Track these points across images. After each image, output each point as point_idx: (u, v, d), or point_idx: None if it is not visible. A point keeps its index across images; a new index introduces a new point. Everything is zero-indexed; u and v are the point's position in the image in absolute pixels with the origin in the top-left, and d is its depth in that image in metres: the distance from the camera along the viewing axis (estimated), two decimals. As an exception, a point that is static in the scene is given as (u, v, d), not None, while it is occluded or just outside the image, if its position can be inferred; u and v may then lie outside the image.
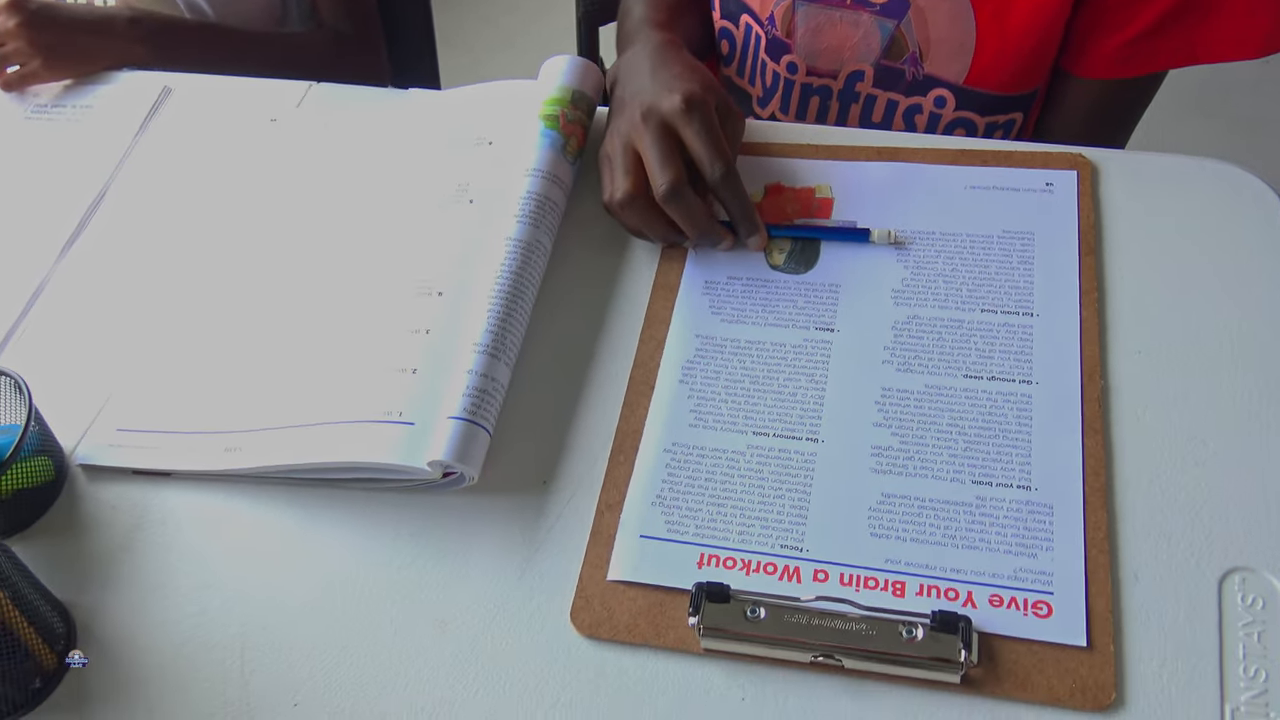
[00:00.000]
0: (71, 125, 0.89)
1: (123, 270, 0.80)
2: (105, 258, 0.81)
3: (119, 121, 0.89)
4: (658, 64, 0.75)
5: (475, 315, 0.67)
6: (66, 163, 0.87)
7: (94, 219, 0.84)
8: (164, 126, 0.88)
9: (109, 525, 0.66)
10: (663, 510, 0.61)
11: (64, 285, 0.80)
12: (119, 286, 0.79)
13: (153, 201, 0.84)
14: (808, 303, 0.69)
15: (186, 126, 0.89)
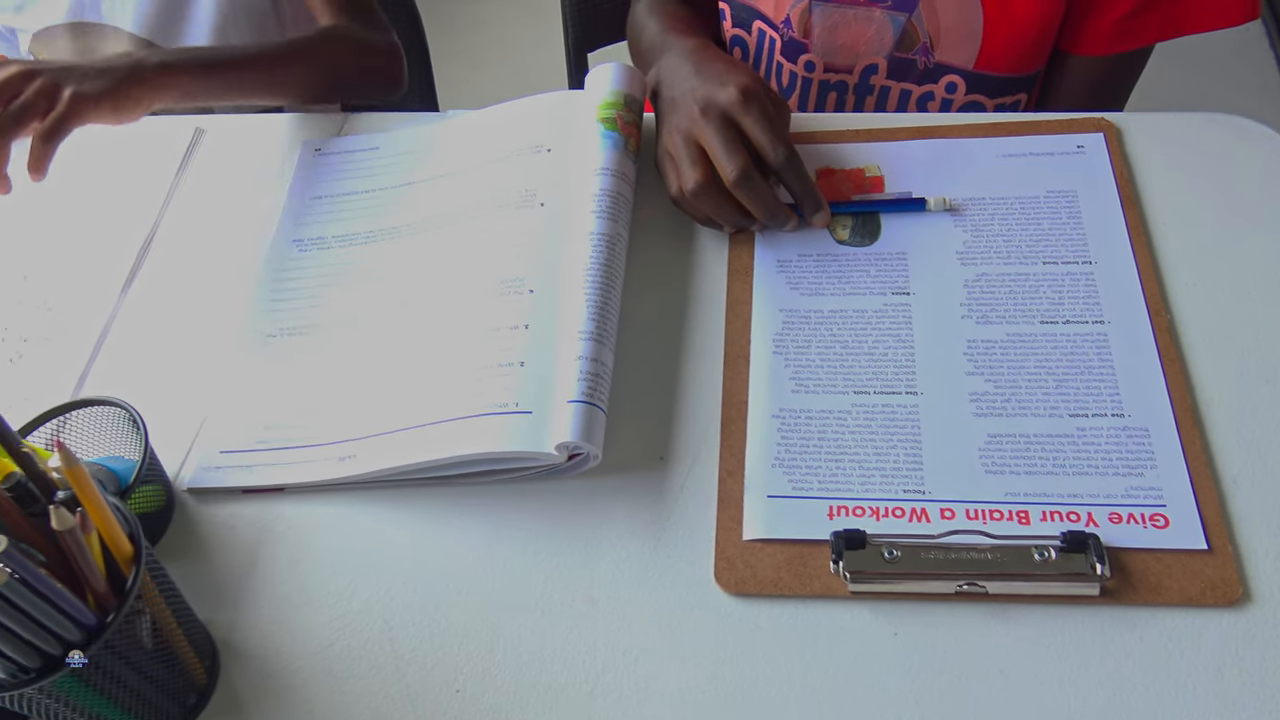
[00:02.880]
0: (111, 170, 0.89)
1: (194, 296, 0.80)
2: (170, 287, 0.82)
3: (157, 163, 0.89)
4: (700, 63, 0.79)
5: (573, 306, 0.69)
6: (113, 203, 0.87)
7: (150, 253, 0.84)
8: (203, 164, 0.89)
9: (230, 544, 0.66)
10: (783, 470, 0.64)
11: (132, 317, 0.80)
12: (194, 312, 0.79)
13: (209, 232, 0.85)
14: (879, 271, 0.73)
15: (227, 162, 0.90)
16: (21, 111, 0.70)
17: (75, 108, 0.72)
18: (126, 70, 0.76)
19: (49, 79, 0.72)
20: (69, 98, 0.72)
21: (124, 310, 0.80)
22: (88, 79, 0.74)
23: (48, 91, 0.71)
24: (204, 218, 0.87)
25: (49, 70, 0.73)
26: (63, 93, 0.72)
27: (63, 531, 0.45)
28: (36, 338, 0.79)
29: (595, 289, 0.70)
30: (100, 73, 0.75)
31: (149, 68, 0.78)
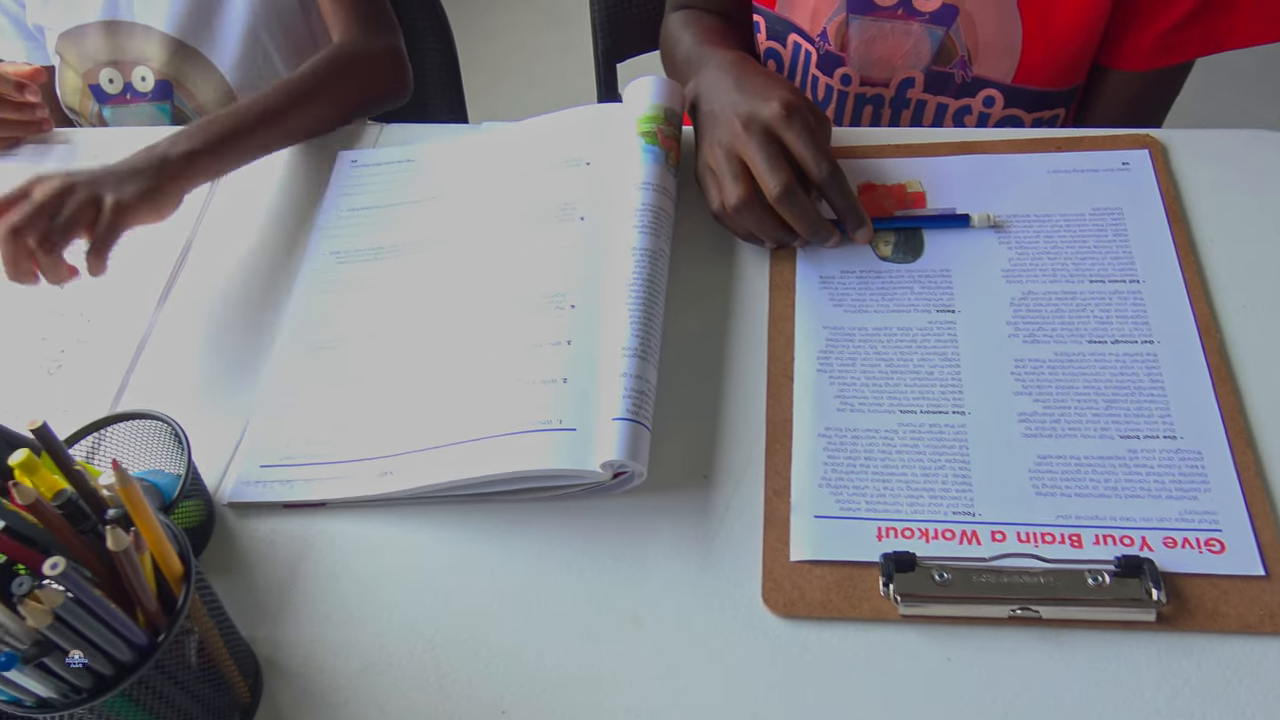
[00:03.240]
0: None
1: (231, 308, 0.80)
2: (207, 298, 0.81)
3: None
4: (740, 77, 0.79)
5: (616, 322, 0.69)
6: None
7: (186, 264, 0.84)
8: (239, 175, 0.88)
9: (271, 560, 0.66)
10: (830, 490, 0.64)
11: (169, 329, 0.80)
12: (231, 323, 0.79)
13: (245, 243, 0.85)
14: (923, 288, 0.73)
15: (263, 173, 0.89)
16: (68, 225, 0.72)
17: (119, 217, 0.74)
18: (156, 167, 0.77)
19: (88, 190, 0.73)
20: (111, 207, 0.73)
21: (161, 322, 0.80)
22: (124, 184, 0.75)
23: (89, 203, 0.73)
24: (240, 229, 0.87)
25: (85, 181, 0.74)
26: (104, 203, 0.73)
27: (118, 552, 0.45)
28: (75, 349, 0.78)
29: (639, 305, 0.69)
30: (133, 174, 0.76)
31: (175, 160, 0.78)
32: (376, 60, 0.99)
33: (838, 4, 0.89)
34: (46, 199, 0.71)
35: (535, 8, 2.67)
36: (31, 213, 0.71)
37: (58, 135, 1.00)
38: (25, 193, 0.72)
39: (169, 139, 0.80)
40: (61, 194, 0.72)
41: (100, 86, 1.11)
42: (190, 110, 1.10)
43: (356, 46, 0.98)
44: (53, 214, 0.71)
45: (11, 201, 0.72)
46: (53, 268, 0.72)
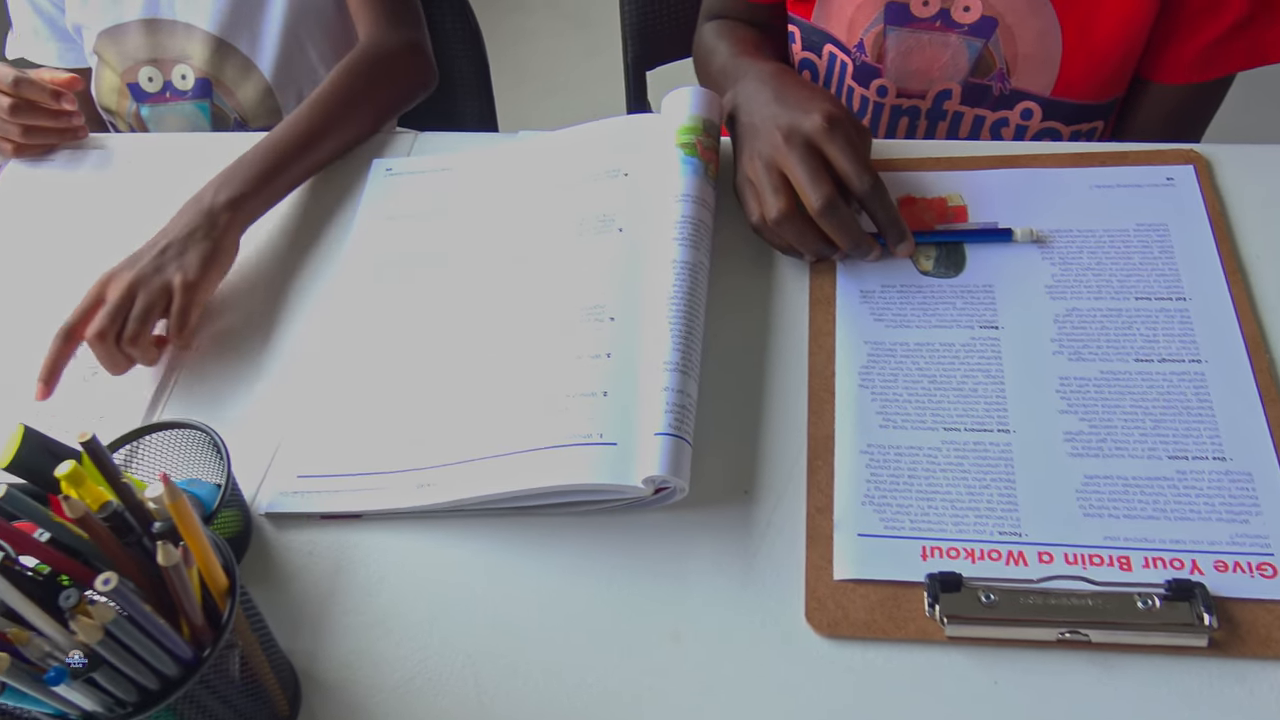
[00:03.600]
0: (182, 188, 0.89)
1: (267, 315, 0.80)
2: (242, 306, 0.81)
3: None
4: (780, 89, 0.78)
5: (656, 335, 0.68)
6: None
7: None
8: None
9: (308, 571, 0.65)
10: (874, 508, 0.63)
11: (205, 336, 0.80)
12: (267, 331, 0.79)
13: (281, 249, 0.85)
14: (965, 304, 0.72)
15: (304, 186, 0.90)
16: (144, 318, 0.75)
17: (190, 295, 0.76)
18: (208, 225, 0.79)
19: (157, 278, 0.76)
20: (180, 289, 0.76)
21: (197, 330, 0.80)
22: (185, 256, 0.77)
23: (160, 291, 0.76)
24: (274, 236, 0.86)
25: (151, 270, 0.76)
26: (174, 285, 0.76)
27: (168, 567, 0.45)
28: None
29: (679, 318, 0.68)
30: (187, 242, 0.78)
31: (220, 210, 0.80)
32: (400, 58, 0.99)
33: (875, 15, 0.88)
34: (120, 300, 0.75)
35: (559, 12, 2.67)
36: (109, 316, 0.74)
37: (93, 141, 1.00)
38: (100, 297, 0.76)
39: (213, 187, 0.81)
40: (132, 289, 0.75)
41: (139, 85, 1.11)
42: (229, 108, 1.11)
43: (379, 47, 0.98)
44: (128, 311, 0.75)
45: (89, 309, 0.75)
46: (142, 355, 0.76)
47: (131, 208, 0.91)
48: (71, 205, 0.94)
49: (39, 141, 0.97)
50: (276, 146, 0.85)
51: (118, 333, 0.75)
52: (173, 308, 0.76)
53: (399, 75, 0.99)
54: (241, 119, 1.12)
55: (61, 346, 0.75)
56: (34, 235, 0.91)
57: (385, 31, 1.00)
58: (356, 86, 0.93)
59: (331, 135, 0.89)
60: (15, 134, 0.95)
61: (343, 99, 0.91)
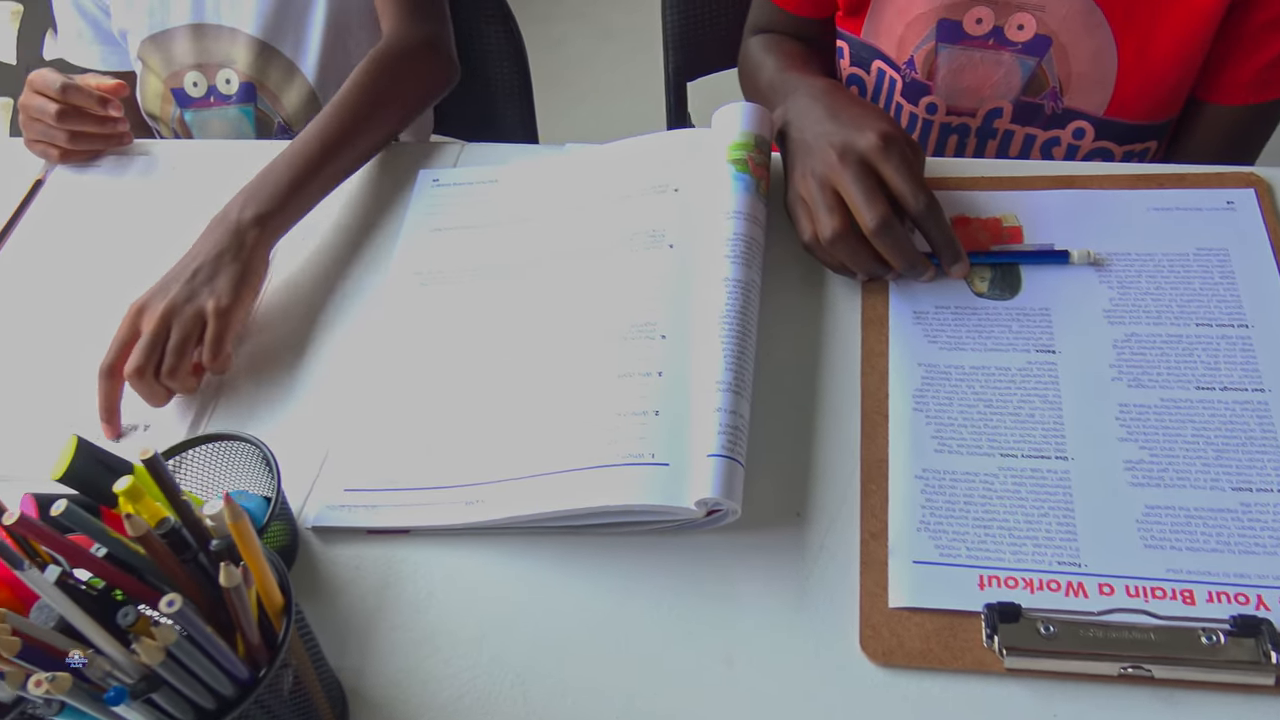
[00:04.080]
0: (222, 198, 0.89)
1: (312, 325, 0.80)
2: (287, 315, 0.81)
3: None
4: (833, 106, 0.78)
5: (708, 354, 0.67)
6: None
7: (268, 281, 0.84)
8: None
9: (356, 586, 0.65)
10: (929, 535, 0.62)
11: (250, 346, 0.80)
12: (312, 342, 0.79)
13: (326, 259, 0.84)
14: (1021, 327, 0.71)
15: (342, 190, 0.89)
16: (181, 349, 0.75)
17: (224, 321, 0.76)
18: (234, 247, 0.78)
19: (190, 307, 0.75)
20: (214, 315, 0.75)
21: (242, 339, 0.80)
22: (216, 280, 0.76)
23: (194, 319, 0.75)
24: (320, 246, 0.86)
25: (183, 298, 0.76)
26: (207, 311, 0.75)
27: (229, 588, 0.44)
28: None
29: (732, 337, 0.68)
30: (217, 264, 0.77)
31: (248, 227, 0.79)
32: (422, 54, 0.97)
33: (927, 32, 0.88)
34: (154, 332, 0.74)
35: (586, 21, 2.67)
36: (146, 350, 0.74)
37: (137, 147, 1.00)
38: (134, 329, 0.75)
39: (238, 203, 0.80)
40: (166, 319, 0.75)
41: (183, 90, 1.12)
42: (273, 112, 1.11)
43: (400, 43, 0.96)
44: (164, 344, 0.74)
45: (126, 344, 0.75)
46: (181, 385, 0.76)
47: (176, 214, 0.91)
48: (116, 211, 0.94)
49: (85, 147, 0.97)
50: (301, 156, 0.84)
51: (156, 366, 0.74)
52: (207, 335, 0.75)
53: (421, 72, 0.97)
54: (285, 123, 1.12)
55: (108, 386, 0.74)
56: (79, 240, 0.92)
57: (407, 27, 0.98)
58: (379, 87, 0.91)
59: (356, 141, 0.88)
60: (62, 139, 0.95)
61: (366, 101, 0.89)
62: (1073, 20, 0.83)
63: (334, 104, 0.89)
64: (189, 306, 0.75)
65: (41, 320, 0.85)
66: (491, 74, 1.24)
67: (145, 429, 0.76)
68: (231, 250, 0.78)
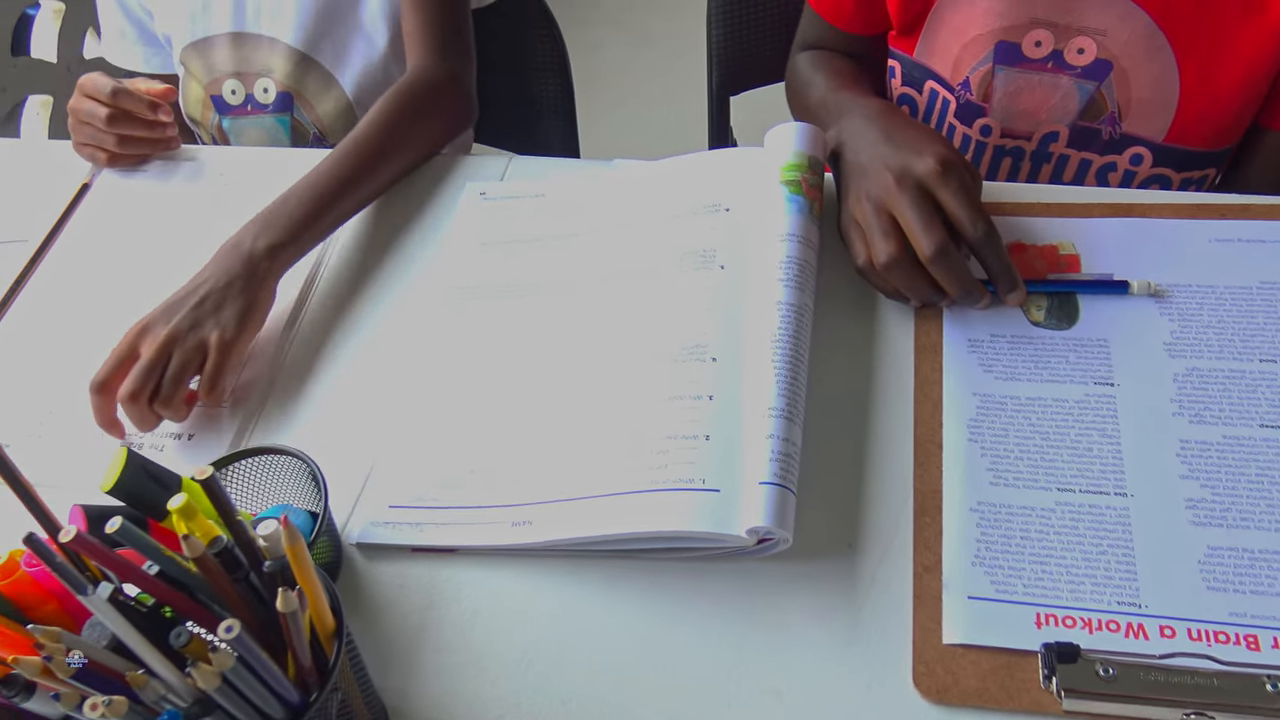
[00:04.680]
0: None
1: (356, 338, 0.80)
2: (331, 328, 0.81)
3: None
4: (889, 128, 0.77)
5: (760, 380, 0.66)
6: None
7: (314, 293, 0.84)
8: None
9: (400, 605, 0.65)
10: (985, 570, 0.61)
11: (295, 358, 0.79)
12: (356, 354, 0.78)
13: (371, 271, 0.84)
14: (1079, 358, 0.70)
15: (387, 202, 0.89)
16: (178, 378, 0.73)
17: (224, 355, 0.74)
18: (244, 276, 0.77)
19: (192, 336, 0.74)
20: (216, 347, 0.74)
21: (286, 349, 0.80)
22: (222, 311, 0.75)
23: (195, 349, 0.74)
24: (364, 258, 0.86)
25: (187, 325, 0.74)
26: (209, 343, 0.74)
27: (286, 613, 0.44)
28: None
29: (785, 363, 0.67)
30: (225, 293, 0.76)
31: (260, 258, 0.78)
32: (443, 91, 0.97)
33: (984, 54, 0.86)
34: (154, 357, 0.73)
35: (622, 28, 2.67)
36: (142, 375, 0.72)
37: (184, 153, 1.00)
38: (133, 351, 0.73)
39: (251, 231, 0.79)
40: (167, 346, 0.73)
41: (222, 97, 1.12)
42: (308, 122, 1.11)
43: (424, 78, 0.96)
44: (162, 370, 0.73)
45: (122, 363, 0.73)
46: (173, 414, 0.74)
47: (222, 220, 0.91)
48: (162, 216, 0.94)
49: (133, 151, 0.97)
50: (317, 189, 0.83)
51: (151, 392, 0.73)
52: (207, 367, 0.74)
53: (443, 110, 0.97)
54: (320, 133, 1.12)
55: (100, 401, 0.73)
56: (125, 245, 0.92)
57: (433, 62, 0.98)
58: (400, 124, 0.91)
59: (373, 176, 0.87)
60: (110, 144, 0.96)
61: (385, 137, 0.89)
62: (1135, 45, 0.81)
63: (354, 138, 0.88)
64: (192, 335, 0.74)
65: (86, 324, 0.85)
66: (535, 83, 1.24)
67: (189, 438, 0.76)
68: (241, 280, 0.77)
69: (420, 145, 0.93)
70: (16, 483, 0.48)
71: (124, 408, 0.73)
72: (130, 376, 0.72)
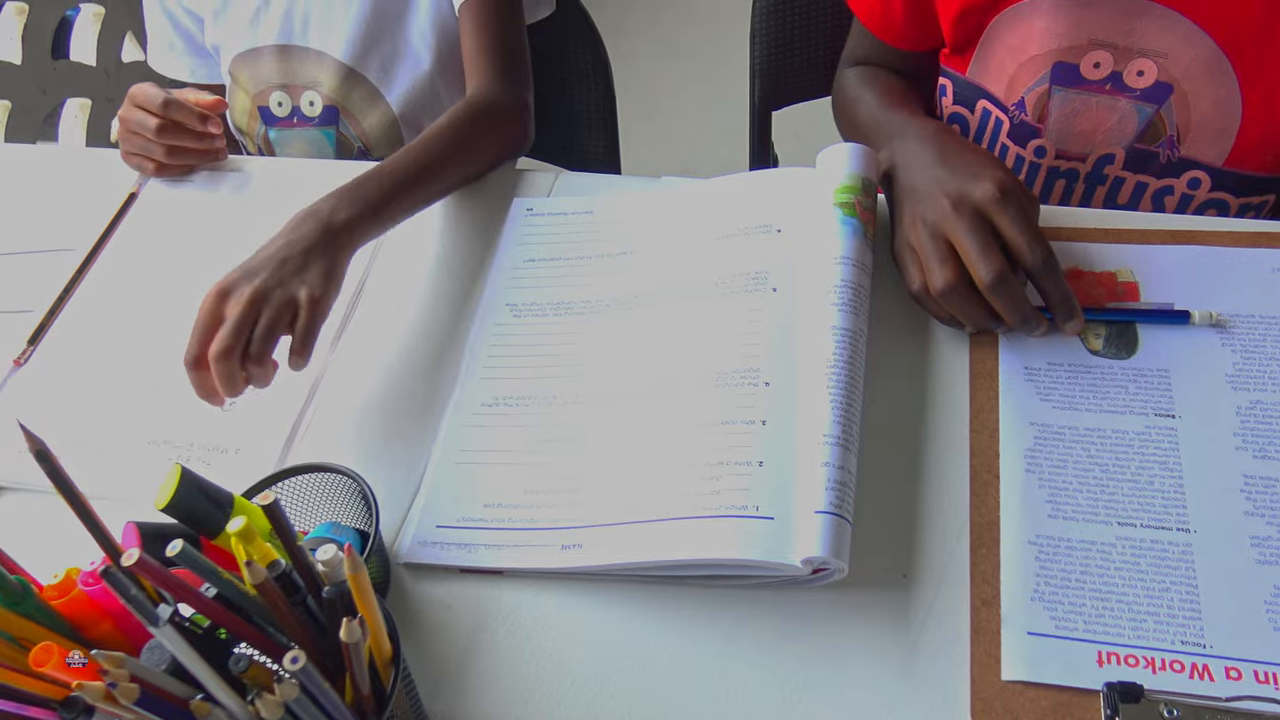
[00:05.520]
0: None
1: (402, 354, 0.79)
2: (378, 343, 0.81)
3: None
4: (944, 151, 0.76)
5: (815, 406, 0.66)
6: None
7: (358, 308, 0.84)
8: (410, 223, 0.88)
9: (448, 626, 0.64)
10: (1044, 606, 0.60)
11: (340, 373, 0.79)
12: (403, 371, 0.78)
13: (417, 286, 0.84)
14: (1139, 389, 0.68)
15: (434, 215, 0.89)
16: (269, 334, 0.71)
17: (315, 312, 0.72)
18: (325, 241, 0.75)
19: (281, 292, 0.72)
20: (307, 303, 0.72)
21: (333, 367, 0.80)
22: (307, 270, 0.73)
23: (285, 305, 0.72)
24: (411, 274, 0.86)
25: (273, 282, 0.72)
26: (299, 299, 0.72)
27: (349, 644, 0.43)
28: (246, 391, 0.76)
29: (840, 389, 0.66)
30: (306, 257, 0.74)
31: (339, 229, 0.76)
32: (508, 114, 0.98)
33: (1041, 75, 0.85)
34: (242, 315, 0.70)
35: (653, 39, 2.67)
36: (233, 332, 0.69)
37: (230, 163, 1.00)
38: (217, 314, 0.71)
39: (329, 203, 0.78)
40: (255, 303, 0.71)
41: (269, 109, 1.12)
42: (353, 136, 1.11)
43: (489, 100, 0.96)
44: (252, 328, 0.71)
45: (209, 327, 0.71)
46: (261, 375, 0.71)
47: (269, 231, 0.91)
48: (209, 225, 0.94)
49: (181, 162, 0.98)
50: (391, 176, 0.82)
51: (242, 355, 0.70)
52: (299, 323, 0.72)
53: (504, 131, 0.97)
54: (365, 147, 1.12)
55: (196, 376, 0.71)
56: (172, 254, 0.92)
57: (497, 87, 0.98)
58: (466, 133, 0.90)
59: (439, 177, 0.87)
60: (159, 154, 0.96)
61: (454, 142, 0.89)
62: (1196, 68, 0.80)
63: (423, 139, 0.88)
64: (280, 292, 0.72)
65: (135, 334, 0.85)
66: (577, 92, 1.24)
67: (236, 451, 0.76)
68: (321, 246, 0.75)
69: (482, 157, 0.93)
70: (77, 502, 0.48)
71: (214, 367, 0.69)
72: (220, 333, 0.69)
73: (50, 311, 0.87)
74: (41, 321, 0.86)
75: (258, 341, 0.70)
